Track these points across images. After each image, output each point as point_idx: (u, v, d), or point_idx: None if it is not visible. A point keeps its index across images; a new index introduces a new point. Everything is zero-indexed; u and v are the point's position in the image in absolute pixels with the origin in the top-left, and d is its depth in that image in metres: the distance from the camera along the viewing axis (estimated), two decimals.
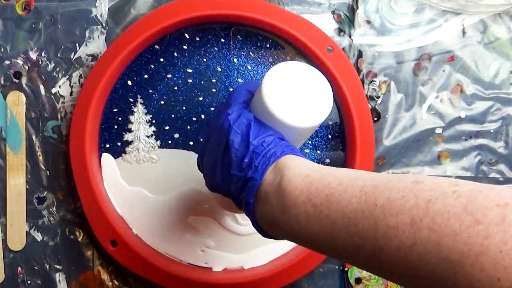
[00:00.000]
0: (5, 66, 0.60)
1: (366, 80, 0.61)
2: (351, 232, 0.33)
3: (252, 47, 0.60)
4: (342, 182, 0.36)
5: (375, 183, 0.34)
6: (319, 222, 0.35)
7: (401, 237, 0.30)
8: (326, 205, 0.35)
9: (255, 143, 0.41)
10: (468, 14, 0.61)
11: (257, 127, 0.42)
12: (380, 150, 0.61)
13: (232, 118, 0.43)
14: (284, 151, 0.41)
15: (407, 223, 0.30)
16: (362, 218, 0.32)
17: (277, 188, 0.38)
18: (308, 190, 0.37)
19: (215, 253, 0.59)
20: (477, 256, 0.27)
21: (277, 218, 0.38)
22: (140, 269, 0.57)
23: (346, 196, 0.34)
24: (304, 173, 0.38)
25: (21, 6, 0.60)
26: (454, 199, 0.29)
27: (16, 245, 0.60)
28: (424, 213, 0.30)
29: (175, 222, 0.59)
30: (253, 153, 0.41)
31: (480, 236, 0.27)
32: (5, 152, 0.60)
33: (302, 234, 0.37)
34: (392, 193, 0.32)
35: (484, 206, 0.28)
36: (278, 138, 0.42)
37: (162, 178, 0.59)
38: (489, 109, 0.61)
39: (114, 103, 0.59)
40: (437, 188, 0.31)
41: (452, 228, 0.28)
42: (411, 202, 0.31)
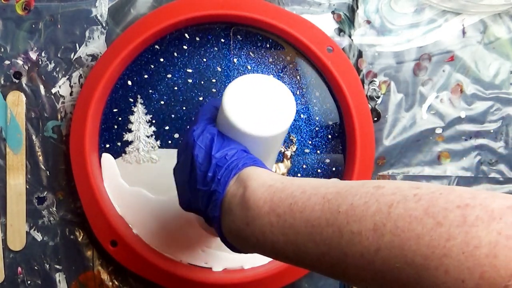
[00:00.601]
0: (5, 66, 0.60)
1: (366, 80, 0.61)
2: (315, 240, 0.33)
3: (252, 47, 0.60)
4: (305, 190, 0.36)
5: (338, 190, 0.34)
6: (284, 232, 0.35)
7: (365, 243, 0.30)
8: (290, 214, 0.35)
9: (218, 156, 0.42)
10: (468, 14, 0.61)
11: (220, 140, 0.43)
12: (380, 150, 0.61)
13: (196, 134, 0.43)
14: (246, 163, 0.41)
15: (371, 228, 0.30)
16: (326, 225, 0.33)
17: (241, 200, 0.38)
18: (271, 200, 0.37)
19: (215, 253, 0.59)
20: (440, 259, 0.27)
21: (242, 229, 0.38)
22: (140, 269, 0.57)
23: (310, 204, 0.34)
24: (267, 183, 0.38)
25: (21, 6, 0.60)
26: (415, 202, 0.29)
27: (16, 245, 0.60)
28: (386, 217, 0.30)
29: (175, 222, 0.59)
30: (216, 166, 0.41)
31: (442, 239, 0.27)
32: (5, 152, 0.60)
33: (267, 245, 0.37)
34: (354, 199, 0.32)
35: (445, 208, 0.28)
36: (241, 150, 0.42)
37: (162, 178, 0.59)
38: (489, 109, 0.61)
39: (114, 103, 0.59)
40: (398, 192, 0.31)
41: (414, 231, 0.28)
42: (374, 207, 0.31)
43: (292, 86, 0.60)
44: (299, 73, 0.60)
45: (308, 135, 0.60)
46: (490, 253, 0.26)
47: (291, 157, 0.59)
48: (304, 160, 0.60)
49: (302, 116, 0.60)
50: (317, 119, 0.60)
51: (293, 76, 0.60)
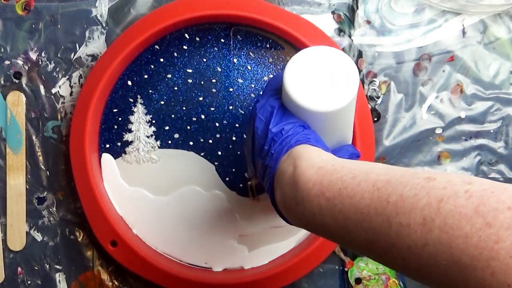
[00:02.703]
0: (5, 66, 0.60)
1: (366, 80, 0.61)
2: (364, 228, 0.33)
3: (252, 47, 0.60)
4: (355, 175, 0.35)
5: (388, 178, 0.33)
6: (333, 216, 0.35)
7: (413, 237, 0.30)
8: (339, 199, 0.35)
9: (274, 130, 0.41)
10: (468, 14, 0.61)
11: (280, 114, 0.42)
12: (380, 150, 0.61)
13: (259, 105, 0.43)
14: (299, 140, 0.41)
15: (419, 222, 0.30)
16: (375, 214, 0.32)
17: (291, 179, 0.38)
18: (321, 183, 0.36)
19: (215, 253, 0.59)
20: (487, 261, 0.26)
21: (292, 208, 0.38)
22: (140, 269, 0.57)
23: (359, 191, 0.34)
24: (317, 165, 0.37)
25: (21, 6, 0.60)
26: (465, 200, 0.29)
27: (16, 245, 0.60)
28: (436, 213, 0.29)
29: (175, 222, 0.59)
30: (271, 140, 0.41)
31: (490, 240, 0.27)
32: (5, 152, 0.60)
33: (317, 226, 0.37)
34: (405, 190, 0.32)
35: (496, 208, 0.27)
36: (299, 126, 0.42)
37: (162, 178, 0.59)
38: (489, 109, 0.61)
39: (114, 103, 0.59)
40: (449, 186, 0.30)
41: (463, 230, 0.28)
42: (424, 200, 0.30)
43: None
44: None
45: None
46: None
47: None
48: None
49: None
50: None
51: None
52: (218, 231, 0.59)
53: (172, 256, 0.59)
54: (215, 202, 0.59)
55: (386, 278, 0.60)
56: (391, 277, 0.60)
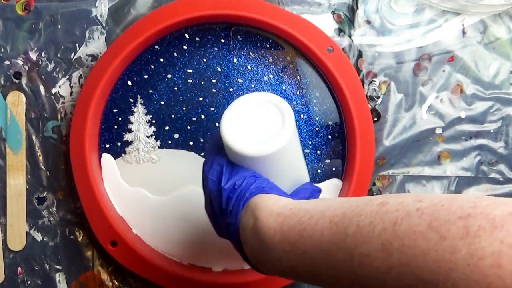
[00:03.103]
0: (5, 66, 0.60)
1: (366, 80, 0.61)
2: (329, 265, 0.33)
3: (252, 47, 0.60)
4: (312, 215, 0.36)
5: (343, 211, 0.34)
6: (299, 259, 0.36)
7: (375, 264, 0.30)
8: (301, 241, 0.35)
9: (227, 187, 0.42)
10: (468, 14, 0.61)
11: (229, 170, 0.43)
12: (380, 150, 0.61)
13: (207, 167, 0.44)
14: (253, 191, 0.41)
15: (379, 249, 0.30)
16: (336, 249, 0.33)
17: (253, 231, 0.39)
18: (281, 229, 0.37)
19: (215, 253, 0.59)
20: (447, 273, 0.27)
21: (260, 258, 0.39)
22: (140, 269, 0.57)
23: (318, 230, 0.34)
24: (275, 212, 0.38)
25: (21, 6, 0.60)
26: (418, 217, 0.29)
27: (16, 245, 0.60)
28: (392, 236, 0.30)
29: (175, 222, 0.59)
30: (227, 198, 0.42)
31: (447, 252, 0.27)
32: (5, 152, 0.60)
33: (286, 271, 0.37)
34: (360, 220, 0.32)
35: (447, 221, 0.28)
36: (250, 177, 0.42)
37: (162, 178, 0.59)
38: (489, 109, 0.61)
39: (114, 103, 0.59)
40: (401, 208, 0.31)
41: (420, 247, 0.28)
42: (379, 226, 0.31)
43: (292, 86, 0.60)
44: (299, 73, 0.60)
45: (308, 135, 0.60)
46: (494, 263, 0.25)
47: None
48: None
49: (302, 116, 0.60)
50: (317, 119, 0.60)
51: (293, 76, 0.60)
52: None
53: (172, 256, 0.59)
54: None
55: None
56: None
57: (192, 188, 0.59)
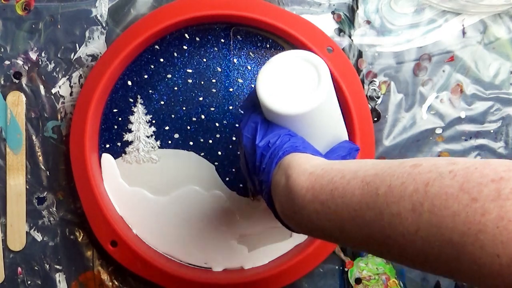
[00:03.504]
0: (5, 66, 0.60)
1: (366, 80, 0.61)
2: (359, 224, 0.33)
3: (252, 47, 0.60)
4: (344, 175, 0.36)
5: (376, 172, 0.34)
6: (329, 218, 0.36)
7: (405, 224, 0.30)
8: (332, 200, 0.35)
9: (261, 144, 0.42)
10: (468, 14, 0.61)
11: (263, 128, 0.43)
12: (380, 150, 0.61)
13: (242, 124, 0.44)
14: (287, 150, 0.41)
15: (409, 209, 0.30)
16: (367, 209, 0.33)
17: (285, 189, 0.39)
18: (313, 187, 0.37)
19: (215, 253, 0.59)
20: (476, 234, 0.27)
21: (291, 216, 0.39)
22: (140, 269, 0.57)
23: (349, 189, 0.34)
24: (307, 171, 0.38)
25: (21, 6, 0.60)
26: (450, 179, 0.29)
27: (16, 245, 0.60)
28: (423, 197, 0.30)
29: (175, 222, 0.59)
30: (261, 156, 0.42)
31: (477, 214, 0.27)
32: (5, 152, 0.60)
33: (317, 230, 0.37)
34: (392, 180, 0.32)
35: (480, 183, 0.28)
36: (285, 135, 0.42)
37: (162, 178, 0.59)
38: (489, 109, 0.61)
39: (114, 103, 0.59)
40: (434, 169, 0.31)
41: (451, 209, 0.28)
42: (411, 187, 0.31)
43: None
44: None
45: None
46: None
47: None
48: None
49: None
50: None
51: None
52: (218, 231, 0.59)
53: (172, 256, 0.59)
54: (215, 202, 0.59)
55: (386, 278, 0.60)
56: (391, 277, 0.60)
57: (192, 188, 0.59)
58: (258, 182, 0.43)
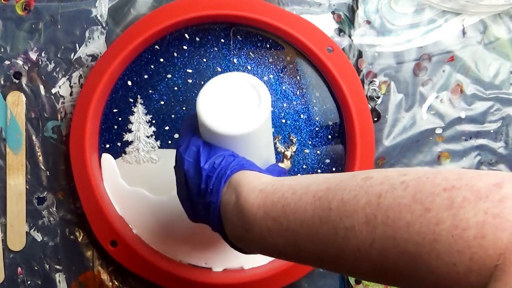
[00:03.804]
0: (5, 66, 0.60)
1: (366, 80, 0.61)
2: (313, 239, 0.33)
3: (252, 47, 0.60)
4: (295, 190, 0.36)
5: (327, 186, 0.34)
6: (282, 234, 0.35)
7: (359, 237, 0.30)
8: (284, 217, 0.35)
9: (207, 166, 0.42)
10: (468, 14, 0.61)
11: (206, 150, 0.42)
12: (380, 150, 0.61)
13: (182, 149, 0.43)
14: (234, 168, 0.41)
15: (363, 222, 0.30)
16: (320, 224, 0.33)
17: (235, 208, 0.38)
18: (264, 204, 0.37)
19: (215, 253, 0.59)
20: (431, 244, 0.27)
21: (243, 236, 0.39)
22: (140, 269, 0.57)
23: (302, 205, 0.34)
24: (257, 188, 0.38)
25: (21, 6, 0.60)
26: (403, 190, 0.29)
27: (16, 245, 0.60)
28: (376, 209, 0.30)
29: (175, 222, 0.59)
30: (207, 177, 0.41)
31: (431, 224, 0.27)
32: (5, 152, 0.60)
33: (269, 248, 0.37)
34: (344, 194, 0.32)
35: (432, 192, 0.28)
36: (228, 155, 0.42)
37: (162, 178, 0.59)
38: (489, 109, 0.61)
39: (114, 103, 0.59)
40: (386, 181, 0.31)
41: (404, 220, 0.28)
42: (363, 200, 0.31)
43: (292, 86, 0.60)
44: (299, 73, 0.60)
45: (308, 135, 0.60)
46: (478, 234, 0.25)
47: (291, 157, 0.59)
48: (304, 160, 0.60)
49: (302, 116, 0.60)
50: (317, 119, 0.60)
51: (293, 76, 0.60)
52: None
53: (172, 256, 0.59)
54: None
55: None
56: None
57: None
58: (204, 206, 0.42)
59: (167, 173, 0.59)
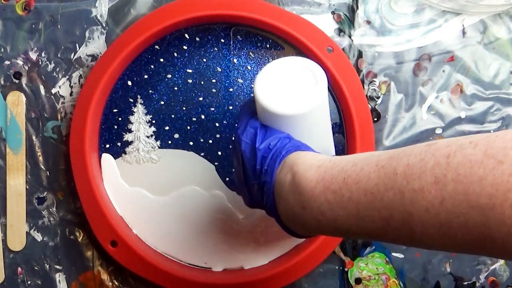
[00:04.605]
0: (5, 66, 0.60)
1: (366, 80, 0.61)
2: (377, 207, 0.33)
3: (252, 47, 0.60)
4: (355, 163, 0.35)
5: (389, 155, 0.34)
6: (343, 206, 0.35)
7: (428, 198, 0.30)
8: (346, 188, 0.35)
9: (262, 147, 0.42)
10: (468, 14, 0.61)
11: (263, 132, 0.43)
12: (380, 150, 0.60)
13: (240, 130, 0.44)
14: (289, 149, 0.41)
15: (432, 182, 0.30)
16: (385, 190, 0.32)
17: (291, 186, 0.38)
18: (323, 179, 0.36)
19: (215, 253, 0.59)
20: (505, 194, 0.27)
21: (299, 214, 0.38)
22: (140, 269, 0.57)
23: (364, 174, 0.34)
24: (315, 165, 0.38)
25: (21, 6, 0.60)
26: (472, 148, 0.29)
27: (16, 245, 0.60)
28: (446, 168, 0.29)
29: (175, 222, 0.59)
30: (262, 158, 0.42)
31: (505, 174, 0.27)
32: (5, 152, 0.60)
33: (328, 224, 0.37)
34: (410, 158, 0.32)
35: (504, 147, 0.28)
36: (284, 138, 0.42)
37: (162, 178, 0.59)
38: (489, 110, 0.61)
39: (114, 103, 0.59)
40: (453, 143, 0.31)
41: (476, 174, 0.28)
42: (431, 162, 0.30)
43: None
44: None
45: None
46: None
47: None
48: None
49: None
50: None
51: None
52: (218, 231, 0.59)
53: (172, 256, 0.59)
54: (215, 202, 0.59)
55: (386, 278, 0.60)
56: (391, 277, 0.60)
57: (192, 188, 0.59)
58: (259, 187, 0.42)
59: (167, 173, 0.59)
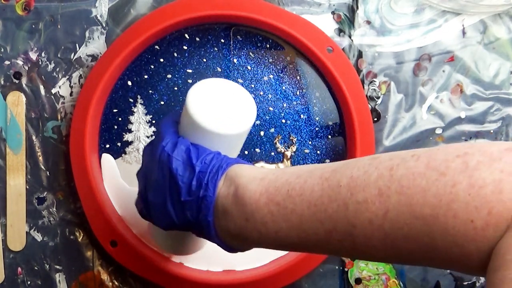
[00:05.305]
0: (5, 67, 0.60)
1: (366, 81, 0.61)
2: (320, 219, 0.33)
3: (252, 47, 0.60)
4: (299, 175, 0.36)
5: (333, 168, 0.34)
6: (286, 218, 0.35)
7: (372, 209, 0.30)
8: (289, 200, 0.35)
9: (199, 163, 0.41)
10: (468, 15, 0.61)
11: (195, 149, 0.42)
12: (380, 150, 0.61)
13: (168, 148, 0.42)
14: (230, 162, 0.41)
15: (376, 194, 0.30)
16: (329, 202, 0.33)
17: (235, 198, 0.38)
18: (267, 191, 0.36)
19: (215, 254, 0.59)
20: (448, 204, 0.27)
21: (242, 227, 0.38)
22: (140, 269, 0.57)
23: (308, 186, 0.34)
24: (258, 177, 0.38)
25: (21, 6, 0.60)
26: (415, 161, 0.30)
27: (16, 245, 0.60)
28: (389, 180, 0.30)
29: None
30: (199, 173, 0.41)
31: (447, 186, 0.28)
32: (5, 152, 0.60)
33: (270, 236, 0.37)
34: (353, 171, 0.32)
35: (446, 160, 0.29)
36: (217, 153, 0.42)
37: None
38: (489, 110, 0.61)
39: (114, 103, 0.59)
40: (395, 156, 0.31)
41: (420, 186, 0.29)
42: (375, 174, 0.31)
43: (292, 86, 0.60)
44: (299, 73, 0.60)
45: (308, 135, 0.60)
46: (495, 189, 0.26)
47: (291, 157, 0.59)
48: (304, 160, 0.60)
49: (302, 117, 0.60)
50: (317, 119, 0.60)
51: (293, 76, 0.60)
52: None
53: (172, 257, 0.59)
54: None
55: (386, 279, 0.60)
56: (391, 277, 0.60)
57: None
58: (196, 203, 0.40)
59: None
